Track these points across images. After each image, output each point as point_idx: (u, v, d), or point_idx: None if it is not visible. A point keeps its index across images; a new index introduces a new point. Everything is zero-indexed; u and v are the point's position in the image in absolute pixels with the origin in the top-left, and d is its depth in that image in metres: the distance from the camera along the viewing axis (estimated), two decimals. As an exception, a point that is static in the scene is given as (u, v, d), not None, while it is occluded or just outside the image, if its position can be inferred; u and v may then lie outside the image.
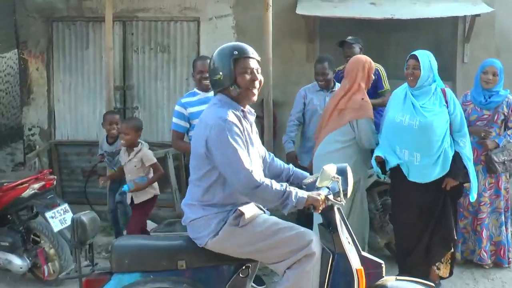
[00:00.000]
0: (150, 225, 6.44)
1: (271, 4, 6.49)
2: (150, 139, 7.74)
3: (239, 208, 3.28)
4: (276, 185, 3.17)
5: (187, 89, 7.98)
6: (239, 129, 3.25)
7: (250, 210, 3.32)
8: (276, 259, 3.31)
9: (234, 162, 3.15)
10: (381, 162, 4.99)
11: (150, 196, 5.50)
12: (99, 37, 8.06)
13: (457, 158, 4.83)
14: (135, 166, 5.43)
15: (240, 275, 3.42)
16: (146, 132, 7.76)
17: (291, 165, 3.80)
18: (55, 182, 5.55)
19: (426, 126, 4.76)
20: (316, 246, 3.27)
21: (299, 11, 7.22)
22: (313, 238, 3.30)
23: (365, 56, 5.52)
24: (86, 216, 3.42)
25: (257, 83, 3.39)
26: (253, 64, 3.38)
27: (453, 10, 7.35)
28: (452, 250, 5.08)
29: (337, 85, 5.80)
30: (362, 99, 5.11)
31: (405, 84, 5.02)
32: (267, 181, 3.17)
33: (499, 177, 5.67)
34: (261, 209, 3.46)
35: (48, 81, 8.29)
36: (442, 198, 4.91)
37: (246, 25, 7.85)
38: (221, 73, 3.33)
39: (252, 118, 3.50)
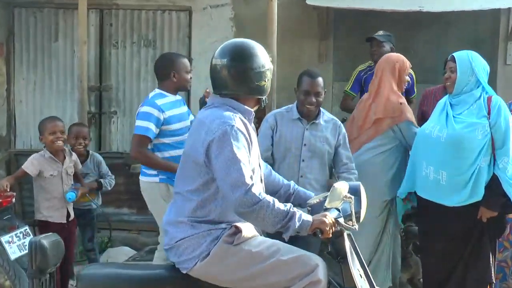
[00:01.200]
0: (128, 252, 6.46)
1: (276, -8, 6.53)
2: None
3: (235, 224, 3.30)
4: (278, 204, 3.17)
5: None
6: (245, 138, 3.30)
7: (247, 228, 3.34)
8: None
9: (234, 175, 3.15)
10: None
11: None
12: (71, 28, 8.09)
13: (494, 183, 4.73)
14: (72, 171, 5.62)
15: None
16: (126, 141, 7.84)
17: (292, 182, 3.83)
18: (13, 200, 5.42)
19: (454, 140, 4.73)
20: (322, 273, 3.25)
21: (310, 1, 7.24)
22: (319, 263, 3.28)
23: (397, 54, 5.61)
24: (47, 239, 3.42)
25: None
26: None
27: (496, 1, 7.35)
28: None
29: (323, 113, 5.14)
30: (400, 103, 5.27)
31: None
32: (269, 198, 3.17)
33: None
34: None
35: (8, 78, 8.28)
36: (479, 229, 4.85)
37: (247, 18, 7.89)
38: (267, 79, 3.46)
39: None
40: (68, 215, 5.57)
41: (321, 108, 5.09)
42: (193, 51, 8.00)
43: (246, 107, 3.43)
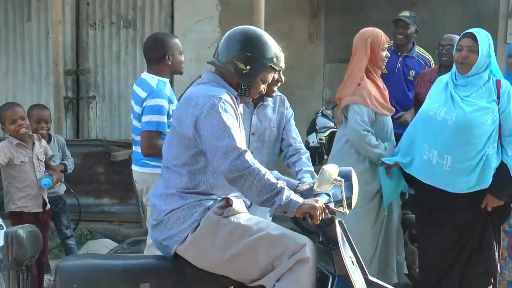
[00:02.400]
0: (110, 244, 6.49)
1: (264, -32, 6.55)
2: (111, 137, 7.81)
3: (227, 196, 3.38)
4: (269, 176, 3.24)
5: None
6: (234, 111, 3.39)
7: (238, 203, 3.41)
8: (261, 269, 3.33)
9: (226, 141, 3.23)
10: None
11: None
12: (45, 7, 8.10)
13: (503, 170, 4.71)
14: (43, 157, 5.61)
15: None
16: (105, 128, 7.85)
17: (276, 171, 3.87)
18: None
19: (463, 124, 4.67)
20: (310, 251, 3.28)
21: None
22: (307, 242, 3.32)
23: (372, 28, 5.39)
24: (24, 230, 3.40)
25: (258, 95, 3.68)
26: (274, 76, 3.63)
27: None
28: (491, 286, 5.01)
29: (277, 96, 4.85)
30: (359, 84, 5.09)
31: (453, 70, 5.01)
32: (261, 167, 3.25)
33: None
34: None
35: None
36: (483, 220, 4.84)
37: (233, -4, 7.92)
38: (249, 67, 3.47)
39: (240, 108, 3.65)
40: (44, 203, 5.61)
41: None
42: (176, 33, 7.95)
43: (229, 86, 3.51)
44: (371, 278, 3.46)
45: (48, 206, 5.60)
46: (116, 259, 3.70)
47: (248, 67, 3.45)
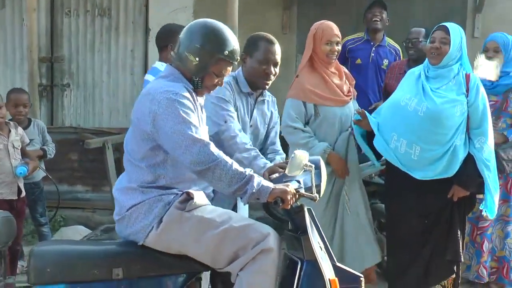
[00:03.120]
0: (83, 231, 6.50)
1: (238, -40, 6.56)
2: (85, 125, 7.81)
3: (187, 191, 3.41)
4: (236, 166, 3.27)
5: (132, 63, 8.07)
6: (193, 105, 3.41)
7: (199, 196, 3.46)
8: (226, 259, 3.38)
9: (187, 135, 3.26)
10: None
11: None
12: (20, -6, 8.02)
13: (470, 162, 4.78)
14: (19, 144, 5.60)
15: (189, 288, 3.53)
16: (79, 116, 7.85)
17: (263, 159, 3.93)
18: None
19: (433, 115, 4.72)
20: (274, 241, 3.35)
21: (274, -31, 7.34)
22: (271, 232, 3.38)
23: (322, 21, 5.27)
24: None
25: (216, 88, 3.62)
26: (230, 69, 3.57)
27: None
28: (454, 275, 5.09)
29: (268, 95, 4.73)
30: (297, 76, 5.10)
31: (425, 63, 5.05)
32: (227, 158, 3.28)
33: (509, 179, 5.72)
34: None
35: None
36: (449, 209, 4.92)
37: (207, -15, 7.90)
38: (197, 59, 3.45)
39: (202, 100, 3.67)
40: (20, 191, 5.60)
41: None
42: (150, 21, 8.01)
43: (186, 80, 3.51)
44: (338, 264, 3.50)
45: (23, 193, 5.59)
46: (89, 245, 3.74)
47: (197, 59, 3.44)
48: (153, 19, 7.99)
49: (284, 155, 4.45)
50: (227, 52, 3.45)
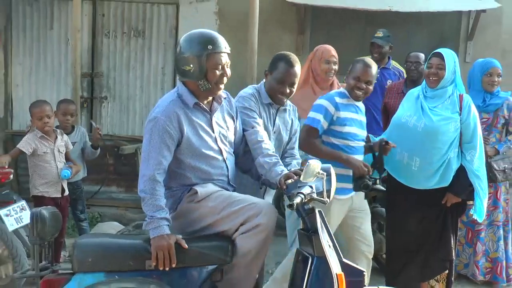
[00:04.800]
0: (117, 227, 6.52)
1: (259, -11, 6.59)
2: (120, 133, 7.84)
3: (193, 187, 3.57)
4: (154, 204, 3.40)
5: (163, 79, 8.10)
6: (172, 128, 3.49)
7: (204, 188, 3.58)
8: (230, 232, 3.54)
9: (143, 159, 3.48)
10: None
11: None
12: (65, 17, 8.08)
13: (461, 173, 4.81)
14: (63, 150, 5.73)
15: (212, 279, 3.55)
16: (115, 125, 7.88)
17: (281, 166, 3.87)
18: (11, 176, 5.45)
19: (431, 130, 4.76)
20: (264, 218, 3.47)
21: (290, -1, 7.34)
22: (264, 209, 3.50)
23: (321, 45, 5.43)
24: (47, 211, 3.46)
25: (225, 79, 3.61)
26: (225, 58, 3.57)
27: (457, 4, 7.52)
28: (448, 270, 5.07)
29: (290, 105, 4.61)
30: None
31: (423, 84, 5.04)
32: (153, 193, 3.42)
33: (498, 187, 5.76)
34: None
35: (5, 64, 8.25)
36: (443, 214, 4.93)
37: (230, 11, 7.93)
38: (192, 65, 3.49)
39: (217, 105, 3.73)
40: (63, 190, 5.66)
41: None
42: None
43: (188, 91, 3.58)
44: (344, 260, 3.51)
45: (67, 192, 5.67)
46: (125, 239, 3.78)
47: (191, 65, 3.50)
48: (182, 40, 8.03)
49: (300, 160, 4.41)
50: (210, 46, 3.48)
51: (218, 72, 3.53)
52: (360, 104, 4.71)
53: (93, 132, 6.21)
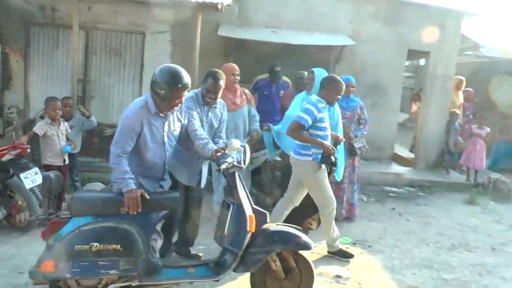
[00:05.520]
0: (100, 186, 6.37)
1: (199, 26, 6.61)
2: (103, 121, 7.65)
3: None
4: (121, 170, 3.37)
5: (133, 85, 7.92)
6: (132, 125, 3.43)
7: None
8: None
9: (114, 142, 3.43)
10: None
11: None
12: (67, 40, 7.76)
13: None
14: (65, 132, 5.63)
15: (164, 220, 3.55)
16: (100, 115, 7.67)
17: (211, 144, 3.86)
18: (28, 150, 5.34)
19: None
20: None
21: (220, 33, 7.31)
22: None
23: (231, 63, 5.51)
24: (53, 174, 3.40)
25: (180, 104, 3.59)
26: (185, 93, 3.53)
27: (328, 40, 7.72)
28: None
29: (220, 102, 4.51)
30: None
31: (305, 92, 5.16)
32: (119, 164, 3.39)
33: (355, 159, 6.00)
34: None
35: (25, 72, 7.91)
36: None
37: (180, 39, 7.80)
38: (163, 91, 3.43)
39: (170, 113, 3.65)
40: (64, 160, 5.51)
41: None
42: (145, 59, 7.89)
43: (153, 102, 3.50)
44: (254, 206, 3.56)
45: (67, 162, 5.57)
46: (106, 193, 3.70)
47: (163, 91, 3.44)
48: (147, 58, 7.89)
49: (225, 140, 4.34)
50: (180, 85, 3.42)
51: (177, 101, 3.49)
52: (327, 106, 4.64)
53: (81, 110, 6.30)
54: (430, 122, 9.10)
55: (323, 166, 4.54)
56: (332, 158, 4.46)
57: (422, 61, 14.17)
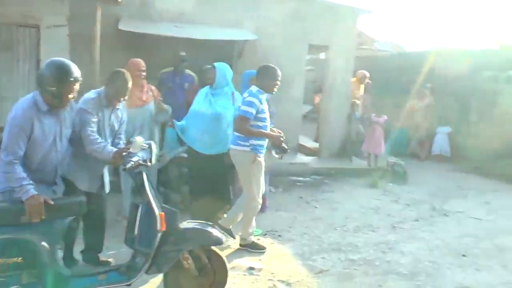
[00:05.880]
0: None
1: (99, 19, 6.36)
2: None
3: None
4: (17, 178, 3.11)
5: (29, 82, 7.42)
6: (22, 123, 3.18)
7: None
8: None
9: (3, 148, 3.17)
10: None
11: None
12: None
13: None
14: None
15: (71, 227, 3.40)
16: None
17: (110, 147, 3.77)
18: None
19: (216, 116, 4.89)
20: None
21: (121, 27, 7.05)
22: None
23: (137, 59, 5.39)
24: None
25: (72, 99, 3.38)
26: (77, 86, 3.33)
27: (231, 35, 7.77)
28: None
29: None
30: None
31: (208, 86, 5.13)
32: (14, 172, 3.12)
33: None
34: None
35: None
36: (224, 170, 5.07)
37: (79, 34, 7.35)
38: (54, 88, 3.21)
39: (62, 110, 3.41)
40: None
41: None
42: (41, 54, 7.40)
43: (41, 100, 3.27)
44: (163, 205, 3.52)
45: None
46: (4, 203, 3.34)
47: (54, 88, 3.24)
48: (43, 54, 7.40)
49: (124, 140, 4.18)
50: (72, 78, 3.24)
51: (70, 96, 3.29)
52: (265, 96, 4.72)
53: None
54: (332, 113, 9.54)
55: (260, 158, 4.65)
56: (284, 145, 4.67)
57: (322, 55, 14.73)
